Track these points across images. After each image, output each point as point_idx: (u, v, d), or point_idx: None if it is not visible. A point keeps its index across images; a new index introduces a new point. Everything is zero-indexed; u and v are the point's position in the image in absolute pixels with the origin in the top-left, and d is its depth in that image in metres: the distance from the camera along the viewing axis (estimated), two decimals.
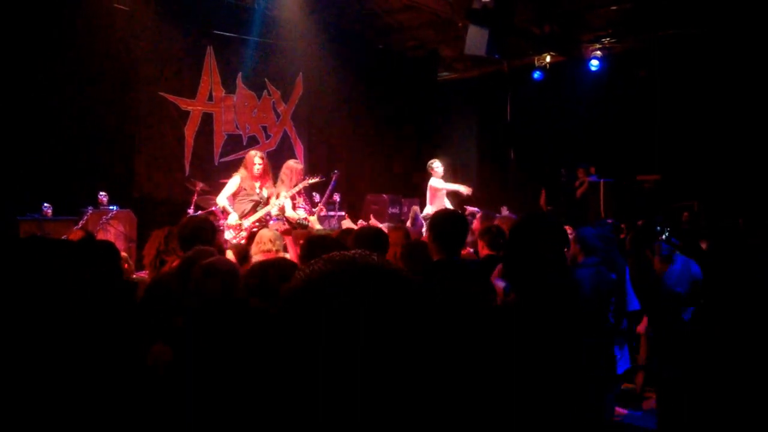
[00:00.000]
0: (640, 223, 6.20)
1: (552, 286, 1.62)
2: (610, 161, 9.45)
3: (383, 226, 4.84)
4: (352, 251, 0.69)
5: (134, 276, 5.47)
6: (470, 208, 6.89)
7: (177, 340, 1.71)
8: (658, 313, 1.99)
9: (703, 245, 4.14)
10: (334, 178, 6.73)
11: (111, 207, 6.20)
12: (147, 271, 2.94)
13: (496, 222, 4.48)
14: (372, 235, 2.99)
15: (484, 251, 3.78)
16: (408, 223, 6.27)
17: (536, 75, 10.03)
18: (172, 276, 2.24)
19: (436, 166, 7.29)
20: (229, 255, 3.19)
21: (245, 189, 5.74)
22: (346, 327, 0.61)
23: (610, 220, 6.11)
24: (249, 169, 5.74)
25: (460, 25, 8.46)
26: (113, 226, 6.10)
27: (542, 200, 9.86)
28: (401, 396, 0.63)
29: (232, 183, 5.78)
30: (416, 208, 6.91)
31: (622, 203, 8.67)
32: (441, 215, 2.82)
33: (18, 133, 6.10)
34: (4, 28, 6.02)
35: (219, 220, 5.79)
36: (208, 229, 2.84)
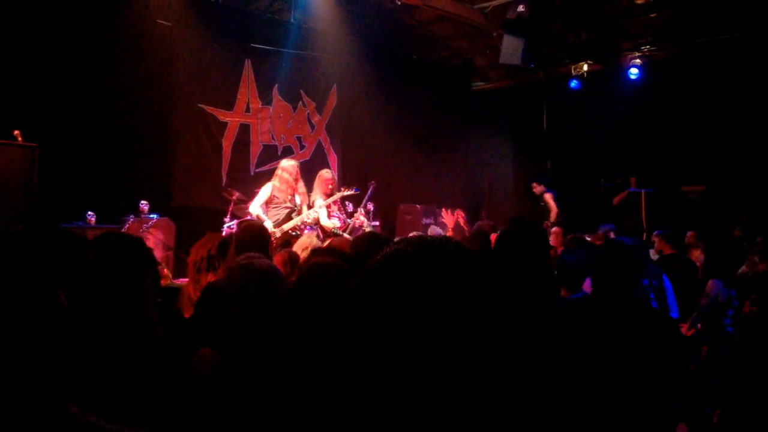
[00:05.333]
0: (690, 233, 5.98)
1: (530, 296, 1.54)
2: (652, 171, 9.17)
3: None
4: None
5: (170, 282, 5.56)
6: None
7: (224, 343, 1.70)
8: (712, 320, 1.89)
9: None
10: (370, 189, 6.72)
11: (151, 215, 6.33)
12: (189, 275, 2.91)
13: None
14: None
15: None
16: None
17: (573, 84, 9.85)
18: (223, 281, 2.23)
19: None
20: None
21: (278, 197, 5.78)
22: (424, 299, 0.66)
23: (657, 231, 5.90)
24: (293, 177, 5.78)
25: (494, 35, 8.39)
26: (153, 234, 6.22)
27: (616, 200, 9.25)
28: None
29: (265, 191, 5.81)
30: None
31: (666, 214, 8.37)
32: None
33: (64, 145, 6.31)
34: (53, 45, 6.28)
35: None
36: (264, 237, 2.89)
